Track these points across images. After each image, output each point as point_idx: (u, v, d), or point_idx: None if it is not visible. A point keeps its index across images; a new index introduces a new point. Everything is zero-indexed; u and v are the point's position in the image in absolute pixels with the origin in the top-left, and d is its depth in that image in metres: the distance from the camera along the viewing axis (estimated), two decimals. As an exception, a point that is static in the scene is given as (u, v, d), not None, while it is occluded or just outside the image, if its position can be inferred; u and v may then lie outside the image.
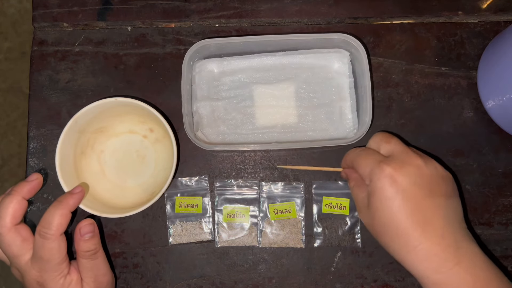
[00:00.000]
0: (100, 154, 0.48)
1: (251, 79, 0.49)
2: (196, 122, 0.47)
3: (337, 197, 0.48)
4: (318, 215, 0.48)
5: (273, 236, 0.47)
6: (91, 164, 0.47)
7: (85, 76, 0.50)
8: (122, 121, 0.48)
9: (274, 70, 0.49)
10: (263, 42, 0.46)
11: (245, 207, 0.48)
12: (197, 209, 0.48)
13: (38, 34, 0.51)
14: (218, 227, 0.48)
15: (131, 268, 0.48)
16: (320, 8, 0.51)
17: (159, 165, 0.48)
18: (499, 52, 0.46)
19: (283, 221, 0.48)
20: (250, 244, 0.47)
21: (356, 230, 0.47)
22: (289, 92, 0.49)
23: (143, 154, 0.49)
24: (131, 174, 0.48)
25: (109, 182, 0.48)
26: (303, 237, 0.47)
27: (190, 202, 0.48)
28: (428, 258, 0.34)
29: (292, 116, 0.48)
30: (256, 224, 0.48)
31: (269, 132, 0.48)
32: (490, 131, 0.49)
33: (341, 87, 0.48)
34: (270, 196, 0.48)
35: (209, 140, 0.48)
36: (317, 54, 0.48)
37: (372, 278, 0.47)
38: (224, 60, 0.48)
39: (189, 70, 0.46)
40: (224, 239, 0.47)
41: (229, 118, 0.48)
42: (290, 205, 0.48)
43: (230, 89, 0.49)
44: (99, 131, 0.47)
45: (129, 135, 0.49)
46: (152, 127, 0.49)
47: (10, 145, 1.27)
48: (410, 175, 0.35)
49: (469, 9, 0.51)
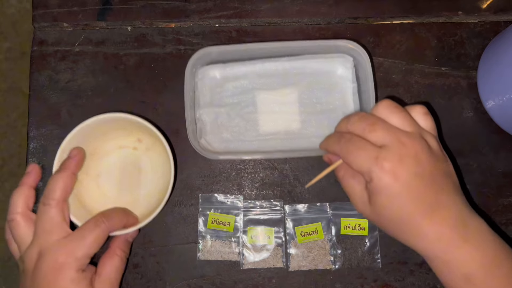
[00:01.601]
0: (96, 178, 0.47)
1: (254, 84, 0.48)
2: (199, 129, 0.47)
3: (355, 218, 0.47)
4: (337, 236, 0.47)
5: (301, 259, 0.47)
6: (91, 189, 0.47)
7: (85, 76, 0.50)
8: (108, 139, 0.47)
9: (277, 75, 0.49)
10: (265, 49, 0.46)
11: (269, 228, 0.48)
12: (229, 227, 0.47)
13: (38, 34, 0.51)
14: (243, 248, 0.47)
15: (131, 268, 0.48)
16: (320, 8, 0.51)
17: (158, 172, 0.48)
18: (499, 52, 0.46)
19: (310, 243, 0.47)
20: (275, 265, 0.47)
21: (376, 250, 0.47)
22: (292, 97, 0.48)
23: (138, 166, 0.48)
24: (132, 188, 0.48)
25: (113, 202, 0.47)
26: (332, 258, 0.47)
27: (223, 220, 0.47)
28: (437, 240, 0.34)
29: (296, 122, 0.48)
30: (281, 245, 0.47)
31: (272, 139, 0.48)
32: (490, 131, 0.49)
33: (345, 93, 0.48)
34: (295, 218, 0.48)
35: (213, 147, 0.47)
36: (320, 59, 0.48)
37: (372, 278, 0.47)
38: (227, 66, 0.48)
39: (191, 77, 0.46)
40: (249, 260, 0.47)
41: (232, 125, 0.48)
42: (317, 226, 0.47)
43: (233, 95, 0.48)
44: (89, 155, 0.46)
45: (119, 151, 0.48)
46: (139, 137, 0.48)
47: (10, 145, 1.27)
48: (410, 168, 0.35)
49: (469, 9, 0.51)
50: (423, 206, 0.35)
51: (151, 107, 0.50)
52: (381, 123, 0.36)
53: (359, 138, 0.36)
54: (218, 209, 0.48)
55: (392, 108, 0.36)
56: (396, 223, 0.36)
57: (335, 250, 0.47)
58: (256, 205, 0.48)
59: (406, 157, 0.35)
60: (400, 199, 0.35)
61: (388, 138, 0.35)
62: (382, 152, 0.35)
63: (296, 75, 0.48)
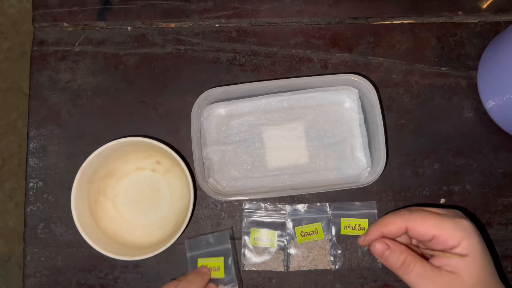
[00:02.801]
0: (114, 199, 0.47)
1: (260, 120, 0.48)
2: (207, 168, 0.47)
3: (355, 218, 0.47)
4: (337, 236, 0.47)
5: (301, 259, 0.47)
6: (108, 210, 0.47)
7: (85, 76, 0.50)
8: (127, 160, 0.47)
9: (282, 110, 0.48)
10: (269, 86, 0.46)
11: (272, 231, 0.47)
12: (219, 272, 0.45)
13: (38, 34, 0.51)
14: (245, 249, 0.47)
15: (131, 268, 0.48)
16: (320, 8, 0.51)
17: (175, 194, 0.48)
18: (499, 52, 0.46)
19: (310, 244, 0.47)
20: (276, 269, 0.47)
21: None
22: (299, 132, 0.48)
23: (156, 188, 0.48)
24: (149, 211, 0.48)
25: (130, 224, 0.47)
26: (332, 258, 0.47)
27: (212, 265, 0.45)
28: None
29: (304, 156, 0.48)
30: (283, 248, 0.47)
31: (281, 174, 0.47)
32: (490, 131, 0.49)
33: (351, 124, 0.48)
34: (295, 218, 0.48)
35: (221, 185, 0.47)
36: (325, 92, 0.47)
37: (372, 278, 0.47)
38: (232, 103, 0.48)
39: (197, 117, 0.45)
40: (250, 262, 0.47)
41: (240, 162, 0.48)
42: (317, 226, 0.47)
43: (239, 132, 0.48)
44: (107, 177, 0.47)
45: (137, 173, 0.48)
46: (158, 159, 0.48)
47: (10, 145, 1.27)
48: (479, 236, 0.36)
49: (469, 9, 0.51)
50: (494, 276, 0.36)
51: (151, 107, 0.50)
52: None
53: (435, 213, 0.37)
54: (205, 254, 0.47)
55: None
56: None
57: (335, 250, 0.47)
58: (260, 207, 0.48)
59: (474, 228, 0.37)
60: (489, 259, 0.36)
61: (445, 211, 0.38)
62: (452, 215, 0.37)
63: (302, 109, 0.48)
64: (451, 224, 0.35)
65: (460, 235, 0.35)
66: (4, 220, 1.23)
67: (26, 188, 0.49)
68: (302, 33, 0.51)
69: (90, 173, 0.44)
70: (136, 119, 0.49)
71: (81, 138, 0.49)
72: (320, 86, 0.47)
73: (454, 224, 0.35)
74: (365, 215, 0.47)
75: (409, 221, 0.36)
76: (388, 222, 0.37)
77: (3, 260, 1.19)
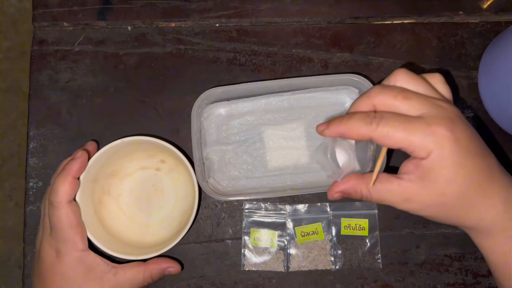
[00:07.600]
0: (118, 198, 0.47)
1: (260, 120, 0.48)
2: (207, 168, 0.47)
3: (355, 218, 0.47)
4: (337, 236, 0.47)
5: (301, 259, 0.47)
6: (112, 210, 0.47)
7: (85, 75, 0.50)
8: (131, 159, 0.47)
9: (282, 110, 0.48)
10: (269, 86, 0.46)
11: (272, 231, 0.47)
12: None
13: (38, 33, 0.51)
14: (245, 249, 0.47)
15: (131, 268, 0.47)
16: (320, 8, 0.51)
17: (180, 193, 0.48)
18: (500, 52, 0.46)
19: (310, 244, 0.47)
20: (276, 269, 0.47)
21: (376, 251, 0.47)
22: (299, 132, 0.48)
23: (161, 187, 0.48)
24: (153, 210, 0.48)
25: (134, 224, 0.47)
26: (332, 258, 0.47)
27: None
28: (506, 210, 0.31)
29: (304, 156, 0.48)
30: (283, 248, 0.47)
31: (281, 174, 0.47)
32: (490, 131, 0.49)
33: None
34: (295, 218, 0.48)
35: (221, 185, 0.47)
36: (325, 92, 0.47)
37: (372, 278, 0.47)
38: (232, 103, 0.47)
39: (197, 118, 0.45)
40: (250, 262, 0.47)
41: (240, 162, 0.48)
42: (317, 226, 0.47)
43: (239, 132, 0.48)
44: (112, 176, 0.46)
45: (141, 172, 0.48)
46: (163, 158, 0.48)
47: (10, 145, 1.27)
48: (463, 130, 0.31)
49: (470, 9, 0.51)
50: (487, 172, 0.31)
51: (151, 107, 0.50)
52: (409, 90, 0.31)
53: (392, 112, 0.31)
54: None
55: (411, 76, 0.32)
56: (462, 197, 0.31)
57: (335, 251, 0.47)
58: (260, 207, 0.48)
59: (456, 118, 0.30)
60: (466, 167, 0.30)
61: (425, 105, 0.31)
62: (429, 119, 0.30)
63: (302, 109, 0.48)
64: (421, 136, 0.30)
65: (430, 147, 0.30)
66: (4, 220, 1.23)
67: (26, 188, 0.49)
68: (302, 33, 0.51)
69: (94, 172, 0.44)
70: (136, 119, 0.49)
71: (81, 138, 0.49)
72: (320, 86, 0.47)
73: (425, 135, 0.30)
74: (365, 215, 0.47)
75: (375, 131, 0.31)
76: (352, 126, 0.32)
77: (3, 260, 1.19)
